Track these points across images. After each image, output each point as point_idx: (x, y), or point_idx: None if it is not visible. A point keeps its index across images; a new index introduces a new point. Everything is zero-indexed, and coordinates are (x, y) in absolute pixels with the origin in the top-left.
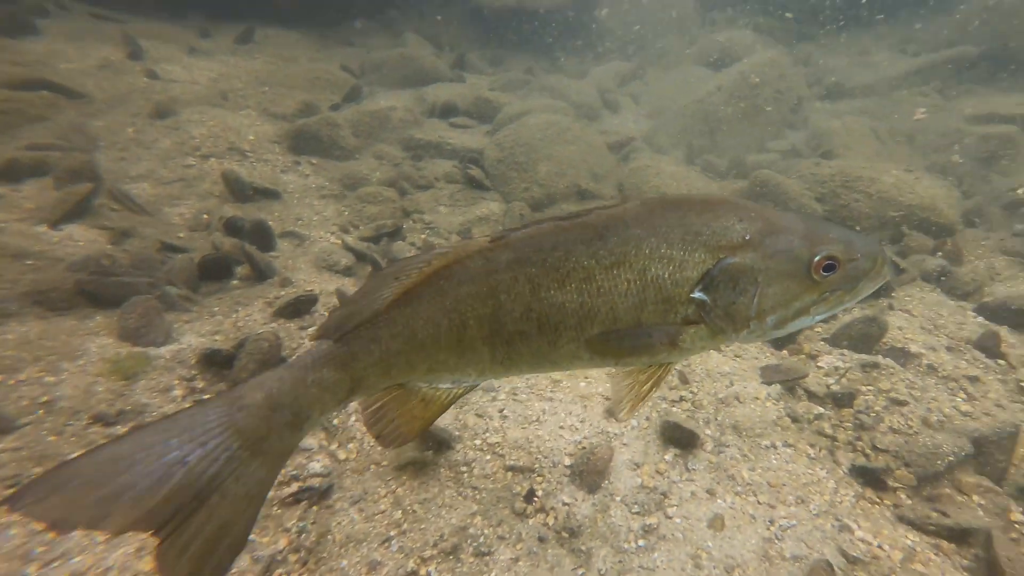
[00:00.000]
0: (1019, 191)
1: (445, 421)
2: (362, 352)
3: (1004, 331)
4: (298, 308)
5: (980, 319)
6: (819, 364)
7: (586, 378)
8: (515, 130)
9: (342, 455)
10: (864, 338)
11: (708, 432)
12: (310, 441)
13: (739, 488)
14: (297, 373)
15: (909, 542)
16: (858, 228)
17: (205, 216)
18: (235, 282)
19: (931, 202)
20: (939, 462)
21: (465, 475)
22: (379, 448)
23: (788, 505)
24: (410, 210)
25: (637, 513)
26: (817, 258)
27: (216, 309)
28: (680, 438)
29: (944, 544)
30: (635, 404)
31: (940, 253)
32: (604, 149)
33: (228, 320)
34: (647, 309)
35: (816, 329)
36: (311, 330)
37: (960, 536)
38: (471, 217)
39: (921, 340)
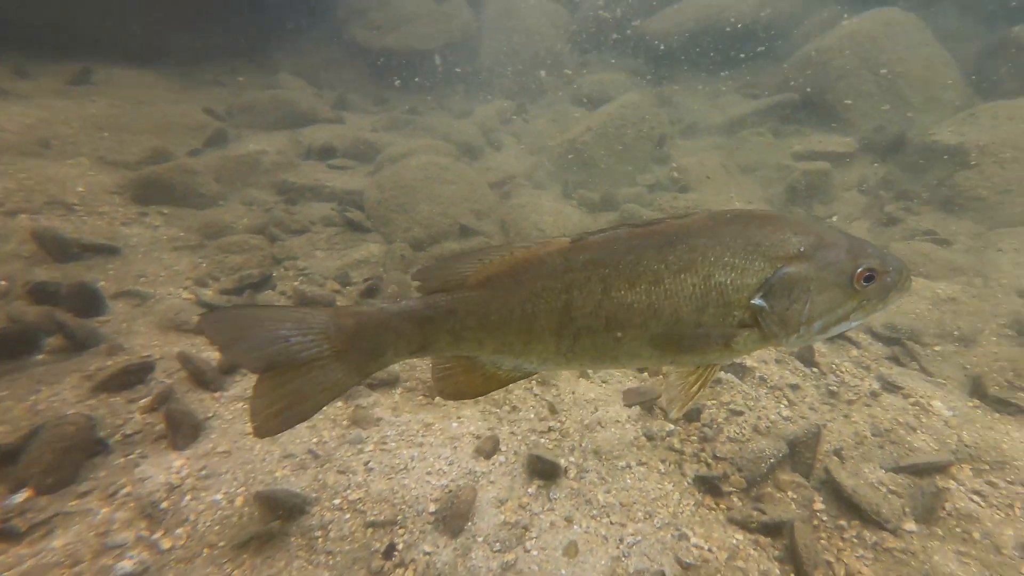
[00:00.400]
0: (833, 219)
1: (300, 483)
2: (438, 319)
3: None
4: (127, 379)
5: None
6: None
7: (458, 418)
8: (396, 171)
9: (167, 544)
10: None
11: (572, 459)
12: (125, 535)
13: (595, 512)
14: (384, 317)
15: (735, 541)
16: None
17: (2, 283)
18: (41, 357)
19: None
20: (763, 465)
21: (319, 540)
22: (215, 529)
23: (637, 522)
24: (282, 257)
25: (498, 551)
26: (859, 269)
27: (4, 394)
28: (544, 469)
29: (762, 539)
30: (685, 403)
31: None
32: (486, 187)
33: (22, 405)
34: (708, 312)
35: None
36: (144, 403)
37: (774, 530)
38: (349, 260)
39: (756, 355)
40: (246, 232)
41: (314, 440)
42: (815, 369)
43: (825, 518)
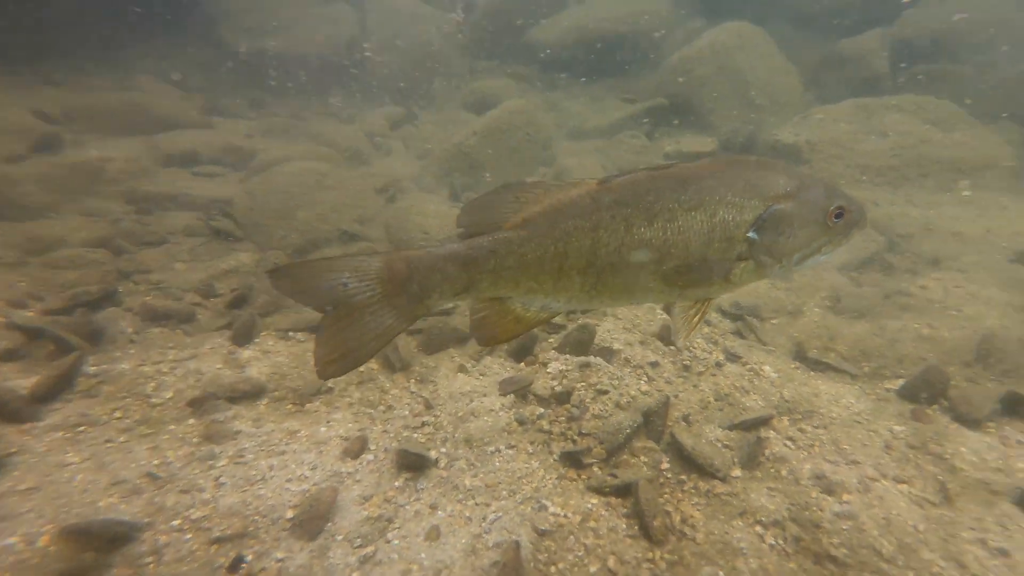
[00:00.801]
0: None
1: (131, 510)
2: (481, 259)
3: None
4: None
5: (663, 316)
6: (548, 370)
7: (328, 422)
8: (270, 177)
9: None
10: (580, 343)
11: (444, 450)
12: None
13: (460, 496)
14: (432, 260)
15: (589, 506)
16: None
17: None
18: None
19: None
20: (621, 436)
21: (150, 566)
22: None
23: (500, 500)
24: (131, 271)
25: (358, 546)
26: (832, 207)
27: None
28: (412, 463)
29: (613, 500)
30: (689, 332)
31: None
32: (371, 192)
33: None
34: (713, 246)
35: (549, 340)
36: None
37: (624, 491)
38: (216, 271)
39: (623, 338)
40: (83, 246)
41: (155, 462)
42: (672, 347)
43: (669, 475)
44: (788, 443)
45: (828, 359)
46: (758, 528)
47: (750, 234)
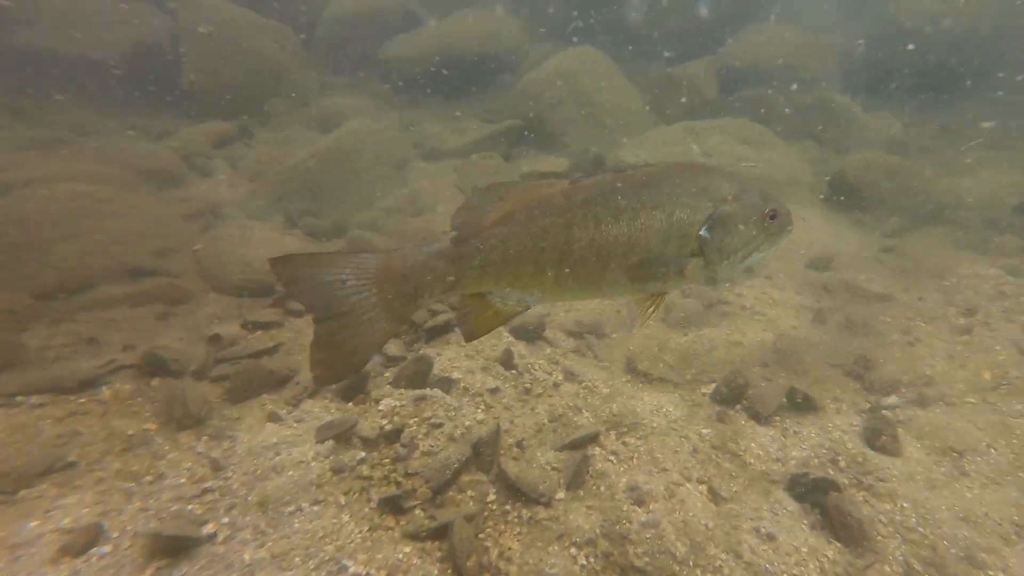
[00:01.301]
0: None
1: None
2: (468, 256)
3: (520, 346)
4: None
5: (508, 339)
6: (380, 407)
7: (47, 514)
8: (12, 203)
9: None
10: (417, 375)
11: (225, 520)
12: None
13: (235, 574)
14: (424, 258)
15: (400, 556)
16: None
17: None
18: None
19: None
20: (448, 472)
21: None
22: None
23: (289, 570)
24: None
25: None
26: (767, 210)
27: None
28: (171, 547)
29: (429, 545)
30: (643, 321)
31: None
32: (177, 220)
33: None
34: (671, 242)
35: (385, 375)
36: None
37: (441, 532)
38: None
39: (464, 366)
40: None
41: None
42: (514, 371)
43: (495, 507)
44: (611, 458)
45: (655, 371)
46: (572, 550)
47: (702, 232)
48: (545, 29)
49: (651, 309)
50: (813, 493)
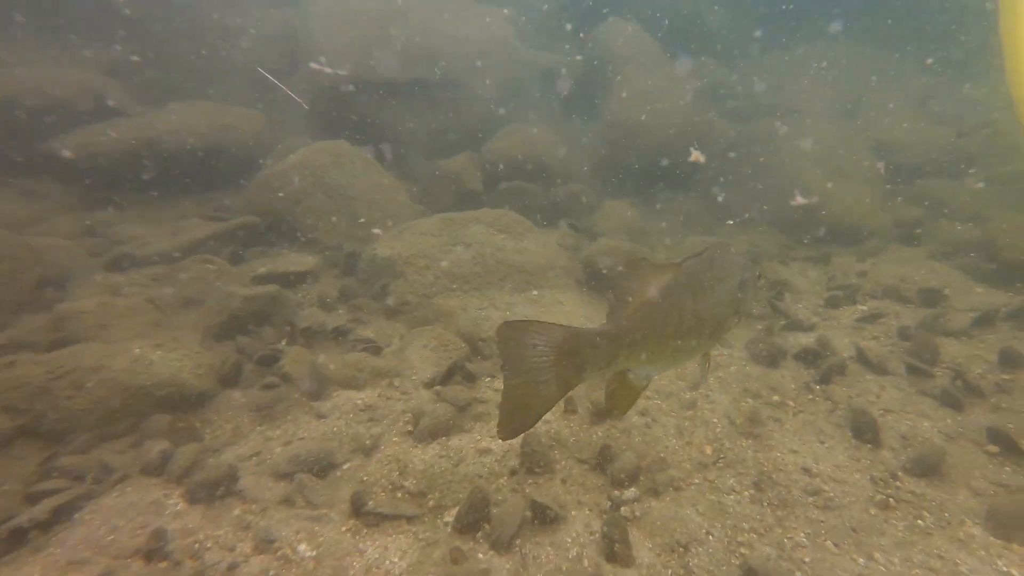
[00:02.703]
0: (282, 343)
1: None
2: (623, 336)
3: (189, 517)
4: None
5: (178, 504)
6: None
7: None
8: None
9: None
10: None
11: None
12: None
13: None
14: (590, 336)
15: None
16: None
17: None
18: None
19: (172, 376)
20: None
21: None
22: None
23: None
24: None
25: None
26: (756, 272)
27: None
28: None
29: None
30: (707, 375)
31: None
32: None
33: None
34: (731, 306)
35: None
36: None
37: None
38: None
39: None
40: None
41: None
42: (165, 562)
43: None
44: None
45: (384, 507)
46: None
47: (739, 295)
48: (287, 127)
49: (707, 362)
50: None
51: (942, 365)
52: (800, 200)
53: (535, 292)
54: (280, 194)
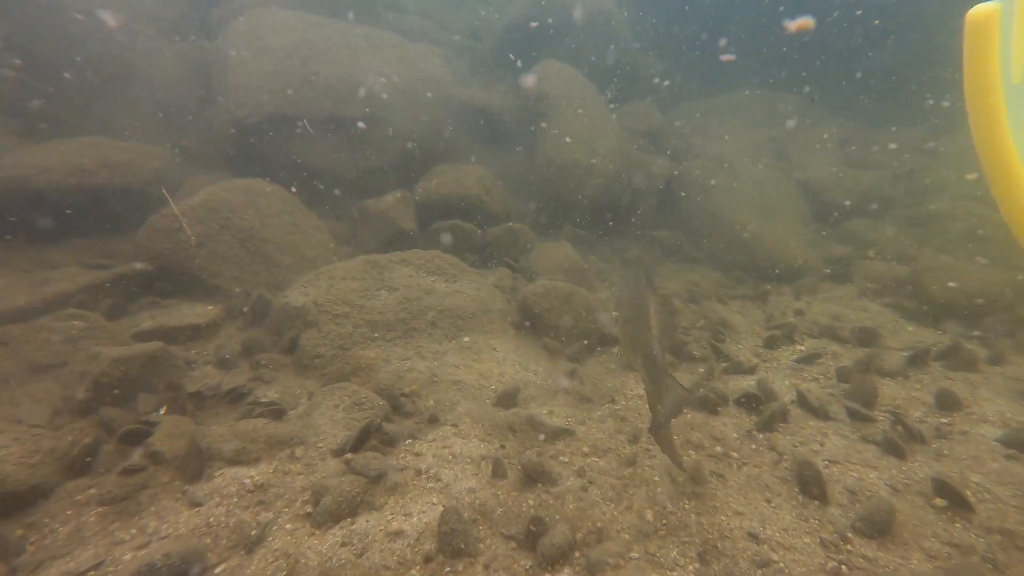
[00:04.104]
0: (160, 412)
1: None
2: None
3: None
4: None
5: None
6: None
7: None
8: None
9: None
10: None
11: None
12: None
13: None
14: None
15: None
16: None
17: None
18: None
19: None
20: None
21: None
22: None
23: None
24: None
25: None
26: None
27: None
28: None
29: None
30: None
31: None
32: None
33: None
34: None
35: None
36: None
37: None
38: None
39: None
40: None
41: None
42: None
43: None
44: None
45: None
46: None
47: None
48: (192, 164)
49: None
50: None
51: (881, 408)
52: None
53: (467, 338)
54: (180, 237)
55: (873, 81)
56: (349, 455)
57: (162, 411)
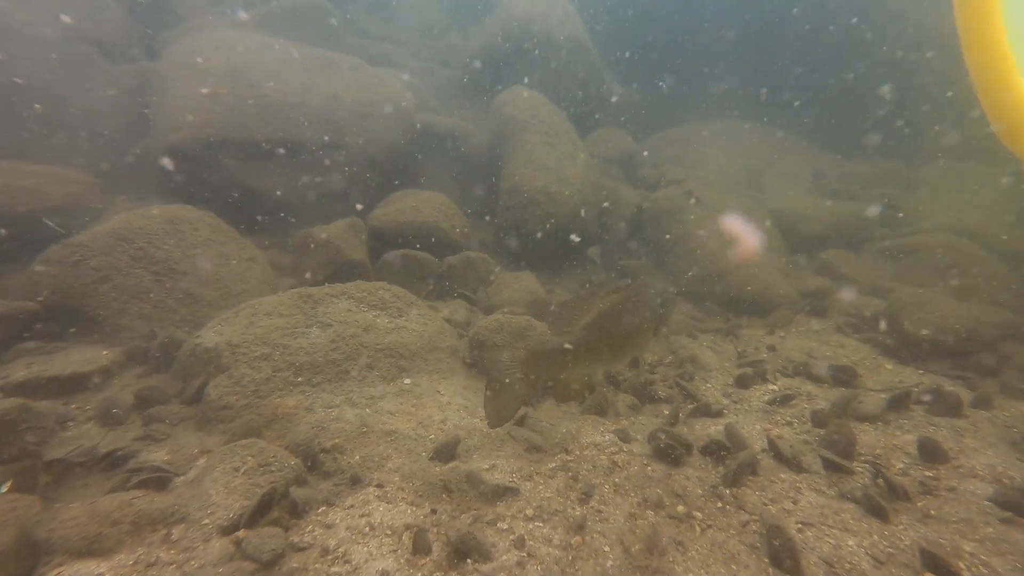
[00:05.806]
0: None
1: None
2: (576, 346)
3: None
4: None
5: None
6: None
7: None
8: None
9: None
10: None
11: None
12: None
13: None
14: (548, 351)
15: None
16: None
17: None
18: None
19: None
20: None
21: None
22: None
23: None
24: None
25: None
26: (673, 291)
27: None
28: None
29: None
30: None
31: None
32: None
33: None
34: (648, 324)
35: None
36: None
37: None
38: None
39: None
40: None
41: None
42: None
43: None
44: None
45: None
46: None
47: (660, 310)
48: (116, 190)
49: None
50: None
51: (860, 458)
52: None
53: (408, 380)
54: (80, 270)
55: (850, 110)
56: (241, 532)
57: (4, 488)
